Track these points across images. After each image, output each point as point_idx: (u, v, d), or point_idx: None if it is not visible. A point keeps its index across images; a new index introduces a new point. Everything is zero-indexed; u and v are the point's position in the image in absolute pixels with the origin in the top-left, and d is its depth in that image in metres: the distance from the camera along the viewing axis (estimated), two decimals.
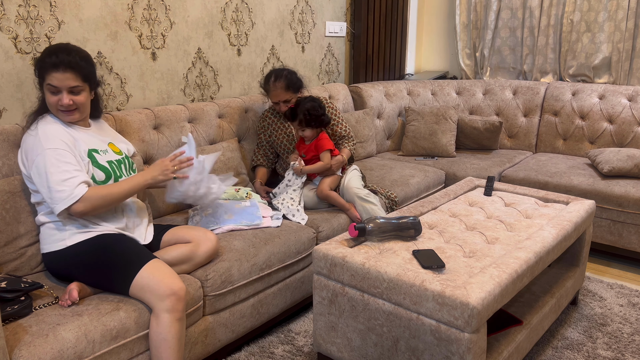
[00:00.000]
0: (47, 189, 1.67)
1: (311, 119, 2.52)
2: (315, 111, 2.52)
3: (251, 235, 2.17)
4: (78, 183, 1.68)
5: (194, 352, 1.89)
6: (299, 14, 3.46)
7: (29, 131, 1.76)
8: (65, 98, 1.72)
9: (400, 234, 1.92)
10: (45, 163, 1.67)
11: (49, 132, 1.72)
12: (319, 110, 2.53)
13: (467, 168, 3.28)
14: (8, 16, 2.11)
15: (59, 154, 1.69)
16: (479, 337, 1.53)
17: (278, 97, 2.63)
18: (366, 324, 1.74)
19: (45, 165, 1.67)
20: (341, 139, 2.76)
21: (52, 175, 1.66)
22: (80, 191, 1.68)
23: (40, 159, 1.68)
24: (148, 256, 1.73)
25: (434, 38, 4.52)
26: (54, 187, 1.66)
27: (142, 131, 2.37)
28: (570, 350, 2.14)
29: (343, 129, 2.77)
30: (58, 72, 1.67)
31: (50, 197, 1.67)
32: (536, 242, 1.87)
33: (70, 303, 1.62)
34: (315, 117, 2.52)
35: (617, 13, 3.51)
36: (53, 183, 1.66)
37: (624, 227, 2.84)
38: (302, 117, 2.52)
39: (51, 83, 1.69)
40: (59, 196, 1.66)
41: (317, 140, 2.57)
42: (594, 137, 3.50)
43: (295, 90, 2.66)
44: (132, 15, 2.52)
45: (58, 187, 1.66)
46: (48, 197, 1.68)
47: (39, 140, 1.70)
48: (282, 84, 2.60)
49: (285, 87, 2.61)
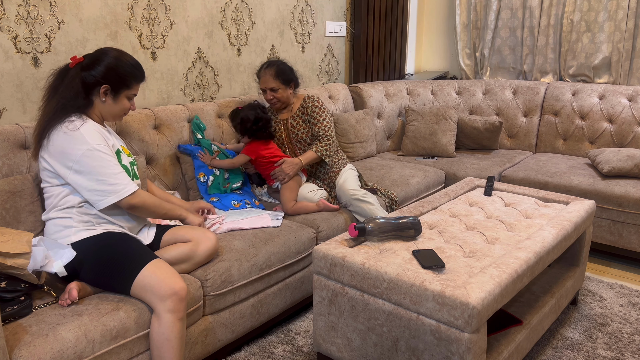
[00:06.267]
0: (96, 182, 1.74)
1: (241, 127, 2.54)
2: (247, 122, 2.52)
3: (251, 235, 2.17)
4: (128, 179, 1.80)
5: (194, 352, 1.89)
6: (299, 14, 3.46)
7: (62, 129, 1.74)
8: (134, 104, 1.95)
9: (400, 234, 1.92)
10: (95, 158, 1.74)
11: (91, 131, 1.77)
12: (249, 124, 2.52)
13: (467, 168, 3.28)
14: (8, 16, 2.11)
15: (106, 150, 1.78)
16: (479, 337, 1.53)
17: (266, 84, 2.65)
18: (366, 324, 1.74)
19: (95, 160, 1.73)
20: (316, 138, 2.69)
21: (104, 169, 1.74)
22: (133, 185, 1.79)
23: (90, 154, 1.73)
24: (150, 256, 1.73)
25: (434, 38, 4.53)
26: (107, 180, 1.74)
27: (142, 131, 2.37)
28: (570, 350, 2.14)
29: (321, 129, 2.67)
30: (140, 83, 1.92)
31: (101, 189, 1.74)
32: (536, 242, 1.87)
33: (70, 302, 1.62)
34: (245, 128, 2.53)
35: (617, 13, 3.51)
36: (105, 176, 1.74)
37: (624, 227, 2.84)
38: (236, 124, 2.57)
39: (135, 93, 1.91)
40: (113, 189, 1.75)
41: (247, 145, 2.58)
42: (594, 137, 3.50)
43: (285, 82, 2.66)
44: (132, 15, 2.52)
45: (111, 180, 1.75)
46: (97, 190, 1.74)
47: (83, 137, 1.74)
48: (272, 71, 2.63)
49: (275, 75, 2.63)
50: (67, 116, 1.77)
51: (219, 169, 2.53)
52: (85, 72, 1.79)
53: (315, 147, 2.63)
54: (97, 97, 1.83)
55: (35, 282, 1.62)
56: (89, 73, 1.79)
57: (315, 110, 2.70)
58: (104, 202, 1.76)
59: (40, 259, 1.62)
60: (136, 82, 1.88)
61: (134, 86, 1.88)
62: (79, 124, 1.76)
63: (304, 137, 2.70)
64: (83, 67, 1.80)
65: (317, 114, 2.69)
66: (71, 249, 1.69)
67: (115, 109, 1.88)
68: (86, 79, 1.79)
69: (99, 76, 1.79)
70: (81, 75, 1.79)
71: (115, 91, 1.84)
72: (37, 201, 1.94)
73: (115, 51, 1.85)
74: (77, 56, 1.84)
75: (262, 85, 2.68)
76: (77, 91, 1.79)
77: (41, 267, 1.63)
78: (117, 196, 1.76)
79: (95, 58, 1.81)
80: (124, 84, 1.85)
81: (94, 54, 1.83)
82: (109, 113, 1.88)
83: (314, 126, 2.68)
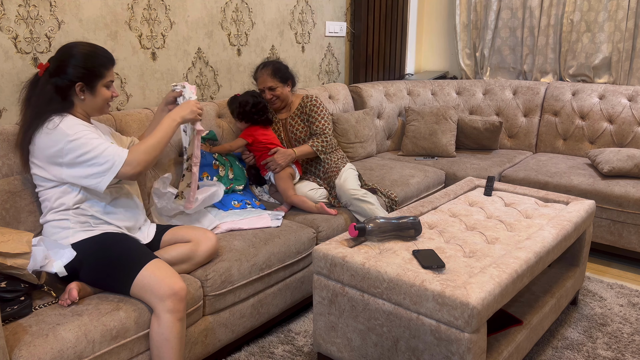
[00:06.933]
0: (88, 167, 1.70)
1: (240, 111, 2.58)
2: (245, 106, 2.56)
3: (251, 235, 2.17)
4: (115, 149, 1.73)
5: (194, 352, 1.89)
6: (299, 14, 3.46)
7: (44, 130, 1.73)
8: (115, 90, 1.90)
9: (400, 234, 1.92)
10: (78, 146, 1.70)
11: (70, 124, 1.74)
12: (247, 107, 2.56)
13: (467, 168, 3.28)
14: (8, 16, 2.11)
15: (87, 135, 1.73)
16: (479, 337, 1.53)
17: (264, 83, 2.67)
18: (366, 324, 1.74)
19: (78, 148, 1.70)
20: (313, 136, 2.71)
21: (90, 153, 1.70)
22: (122, 155, 1.73)
23: (71, 145, 1.70)
24: (150, 256, 1.73)
25: (434, 38, 4.53)
26: (97, 160, 1.71)
27: (142, 131, 2.37)
28: (570, 350, 2.14)
29: (319, 127, 2.69)
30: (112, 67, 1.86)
31: (95, 172, 1.71)
32: (536, 242, 1.87)
33: (70, 302, 1.62)
34: (243, 112, 2.57)
35: (617, 13, 3.51)
36: (94, 159, 1.70)
37: (624, 227, 2.84)
38: (234, 108, 2.60)
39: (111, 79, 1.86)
40: (105, 167, 1.71)
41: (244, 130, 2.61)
42: (594, 137, 3.50)
43: (283, 80, 2.68)
44: (132, 15, 2.52)
45: (100, 159, 1.71)
46: (92, 174, 1.71)
47: (63, 131, 1.71)
48: (269, 70, 2.66)
49: (272, 74, 2.65)
50: (46, 119, 1.75)
51: (224, 170, 2.53)
52: (54, 77, 1.77)
53: (311, 142, 2.66)
54: (75, 96, 1.80)
55: (35, 282, 1.62)
56: (58, 77, 1.77)
57: (314, 109, 2.71)
58: (103, 182, 1.72)
59: (40, 259, 1.62)
60: (106, 69, 1.83)
61: (106, 74, 1.83)
62: (57, 121, 1.74)
63: (303, 137, 2.71)
64: (51, 73, 1.77)
65: (316, 112, 2.71)
66: (71, 249, 1.69)
67: (96, 102, 1.84)
68: (57, 83, 1.77)
69: (70, 77, 1.77)
70: (51, 81, 1.77)
71: (90, 85, 1.81)
72: (37, 201, 1.94)
73: (77, 46, 1.80)
74: (42, 63, 1.82)
75: (260, 86, 2.70)
76: (50, 98, 1.77)
77: (41, 267, 1.63)
78: (113, 170, 1.72)
79: (59, 60, 1.78)
80: (96, 75, 1.80)
81: (57, 56, 1.80)
82: (91, 108, 1.85)
83: (312, 124, 2.69)
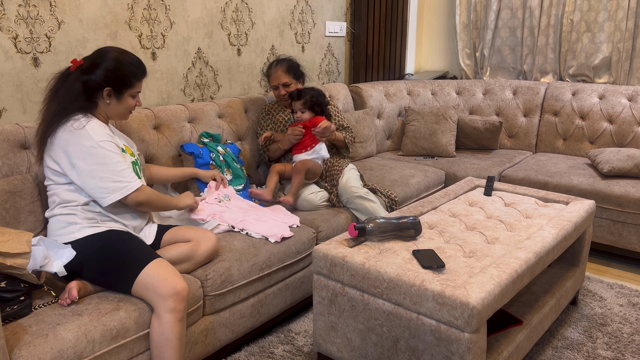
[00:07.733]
0: (99, 179, 1.73)
1: (315, 103, 2.63)
2: (321, 97, 2.66)
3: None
4: (131, 174, 1.80)
5: (194, 352, 1.89)
6: (299, 14, 3.46)
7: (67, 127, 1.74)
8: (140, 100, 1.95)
9: (400, 234, 1.92)
10: (99, 155, 1.74)
11: (97, 129, 1.77)
12: (323, 99, 2.68)
13: (467, 168, 3.28)
14: (8, 16, 2.11)
15: (111, 147, 1.77)
16: (479, 337, 1.53)
17: (278, 80, 2.71)
18: (366, 324, 1.74)
19: (99, 157, 1.73)
20: (343, 129, 2.84)
21: (108, 166, 1.74)
22: (135, 185, 1.79)
23: (93, 151, 1.73)
24: (152, 255, 1.74)
25: (434, 38, 4.52)
26: (111, 176, 1.75)
27: (142, 131, 2.37)
28: (570, 350, 2.14)
29: (342, 119, 2.88)
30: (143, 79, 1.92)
31: (105, 186, 1.74)
32: (536, 242, 1.87)
33: (69, 302, 1.62)
34: (318, 103, 2.64)
35: (617, 13, 3.51)
36: (109, 173, 1.75)
37: (624, 227, 2.84)
38: (309, 98, 2.63)
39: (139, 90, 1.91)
40: (117, 186, 1.75)
41: (312, 119, 2.64)
42: (594, 137, 3.50)
43: (296, 76, 2.74)
44: (132, 15, 2.52)
45: (115, 176, 1.75)
46: (101, 187, 1.74)
47: (88, 134, 1.74)
48: (284, 67, 2.71)
49: (287, 70, 2.71)
50: (71, 116, 1.76)
51: (221, 170, 2.52)
52: (85, 75, 1.79)
53: (344, 134, 2.80)
54: (101, 99, 1.83)
55: (35, 282, 1.62)
56: (89, 77, 1.79)
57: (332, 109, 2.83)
58: (108, 199, 1.76)
59: (40, 259, 1.62)
60: (138, 80, 1.88)
61: (136, 85, 1.88)
62: (84, 121, 1.76)
63: None
64: (83, 71, 1.79)
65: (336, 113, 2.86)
66: (71, 249, 1.69)
67: (120, 109, 1.88)
68: (87, 82, 1.79)
69: (100, 79, 1.79)
70: (82, 78, 1.79)
71: (119, 92, 1.84)
72: (37, 201, 1.94)
73: (114, 51, 1.84)
74: (77, 59, 1.83)
75: (274, 82, 2.72)
76: (77, 94, 1.79)
77: (41, 267, 1.63)
78: (121, 193, 1.76)
79: (94, 61, 1.81)
80: (126, 84, 1.85)
81: (93, 56, 1.83)
82: (114, 113, 1.89)
83: (330, 118, 2.77)
